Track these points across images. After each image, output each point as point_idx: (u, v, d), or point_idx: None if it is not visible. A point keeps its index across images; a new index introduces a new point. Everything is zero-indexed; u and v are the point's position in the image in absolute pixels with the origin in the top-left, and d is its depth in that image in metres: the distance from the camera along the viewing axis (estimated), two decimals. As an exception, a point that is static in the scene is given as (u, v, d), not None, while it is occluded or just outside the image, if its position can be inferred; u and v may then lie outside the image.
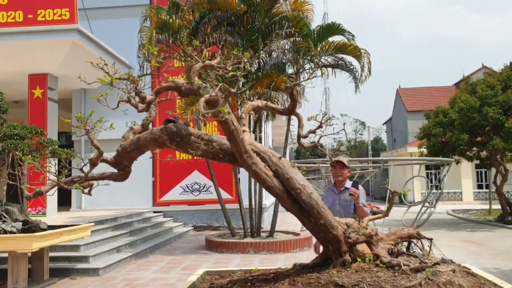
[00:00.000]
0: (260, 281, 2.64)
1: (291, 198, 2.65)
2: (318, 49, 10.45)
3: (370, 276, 2.27)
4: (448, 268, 2.28)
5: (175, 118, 2.64)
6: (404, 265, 2.30)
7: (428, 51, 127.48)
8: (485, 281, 2.33)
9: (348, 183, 4.62)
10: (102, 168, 2.77)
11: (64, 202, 14.33)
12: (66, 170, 2.70)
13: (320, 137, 2.91)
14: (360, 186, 4.59)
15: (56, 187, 2.68)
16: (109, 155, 2.67)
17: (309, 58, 10.52)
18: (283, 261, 8.94)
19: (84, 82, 2.54)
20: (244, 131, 2.76)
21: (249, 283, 2.63)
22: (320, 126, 2.86)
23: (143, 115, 2.74)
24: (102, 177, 2.80)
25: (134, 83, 2.47)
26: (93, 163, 2.61)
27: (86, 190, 2.78)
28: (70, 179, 2.71)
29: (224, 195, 12.95)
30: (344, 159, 4.63)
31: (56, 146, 7.95)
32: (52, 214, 12.28)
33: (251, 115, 3.53)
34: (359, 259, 2.52)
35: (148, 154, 3.10)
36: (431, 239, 2.70)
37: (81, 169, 2.69)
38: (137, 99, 2.63)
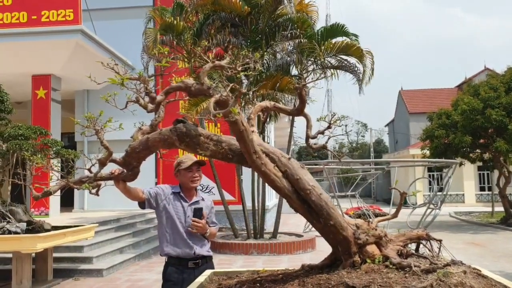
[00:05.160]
0: (269, 281, 2.63)
1: (300, 199, 2.63)
2: (322, 50, 10.45)
3: (381, 277, 2.26)
4: (459, 270, 2.27)
5: (184, 118, 2.63)
6: (414, 266, 2.29)
7: (429, 54, 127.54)
8: (496, 283, 2.31)
9: (200, 193, 3.83)
10: (108, 169, 2.77)
11: (67, 203, 14.34)
12: (75, 170, 2.70)
13: (329, 138, 2.90)
14: (209, 200, 3.87)
15: (65, 187, 2.68)
16: (115, 155, 2.67)
17: (312, 59, 10.53)
18: (286, 263, 8.93)
19: (94, 82, 2.54)
20: (252, 131, 2.75)
21: (258, 284, 2.62)
22: (329, 127, 2.85)
23: (149, 116, 2.74)
24: (111, 177, 2.80)
25: (145, 83, 2.46)
26: (102, 163, 2.60)
27: (94, 191, 2.78)
28: (78, 179, 2.69)
29: (227, 196, 12.95)
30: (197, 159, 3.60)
31: (60, 147, 7.96)
32: (55, 215, 12.29)
33: (259, 115, 3.52)
34: (368, 260, 2.50)
35: (152, 155, 3.09)
36: (440, 241, 2.69)
37: (89, 170, 2.68)
38: (146, 99, 2.62)
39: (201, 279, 3.00)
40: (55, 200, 12.33)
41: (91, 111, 2.42)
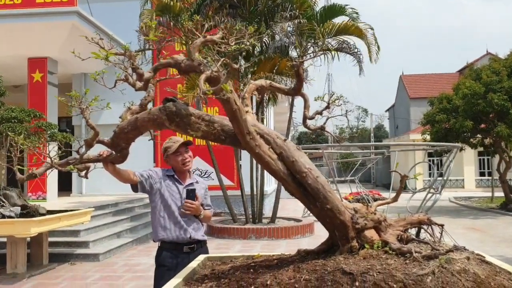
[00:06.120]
0: (263, 267, 2.53)
1: (296, 182, 2.51)
2: (322, 31, 10.25)
3: (380, 263, 2.15)
4: (462, 256, 2.16)
5: (175, 97, 2.50)
6: (415, 252, 2.18)
7: (430, 41, 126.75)
8: (500, 269, 2.21)
9: (194, 175, 3.77)
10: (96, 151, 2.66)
11: (65, 187, 14.27)
12: (60, 151, 2.57)
13: (327, 119, 2.77)
14: (203, 183, 3.83)
15: (51, 169, 2.56)
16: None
17: (312, 41, 10.34)
18: (284, 247, 8.87)
19: (79, 58, 2.40)
20: (247, 111, 2.62)
21: (251, 269, 2.52)
22: (327, 107, 2.71)
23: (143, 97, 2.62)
24: (98, 159, 2.68)
25: (131, 58, 2.32)
26: (88, 144, 2.48)
27: (83, 173, 2.66)
28: (65, 161, 2.58)
29: (226, 181, 12.87)
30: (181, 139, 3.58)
31: (56, 130, 7.84)
32: (52, 199, 12.21)
33: (255, 95, 3.39)
34: (367, 246, 2.39)
35: (149, 137, 2.97)
36: (442, 225, 2.57)
37: (77, 151, 2.57)
38: (134, 77, 2.49)
39: (194, 264, 2.90)
40: (52, 184, 12.25)
41: (89, 94, 2.28)
